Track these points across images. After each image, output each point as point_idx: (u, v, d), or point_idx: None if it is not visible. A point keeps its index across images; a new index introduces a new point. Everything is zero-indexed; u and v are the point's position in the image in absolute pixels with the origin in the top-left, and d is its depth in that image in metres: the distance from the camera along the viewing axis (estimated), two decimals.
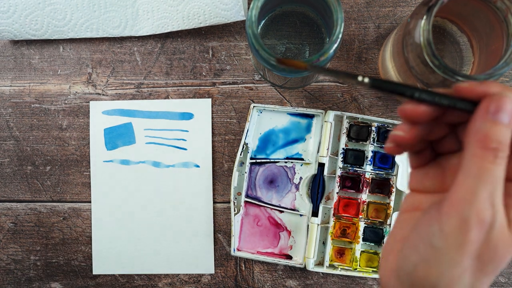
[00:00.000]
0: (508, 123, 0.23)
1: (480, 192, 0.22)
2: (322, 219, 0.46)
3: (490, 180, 0.22)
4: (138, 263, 0.49)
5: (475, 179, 0.23)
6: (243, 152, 0.47)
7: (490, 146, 0.23)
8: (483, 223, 0.22)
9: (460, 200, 0.23)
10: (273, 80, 0.46)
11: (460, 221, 0.22)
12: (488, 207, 0.22)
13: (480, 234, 0.22)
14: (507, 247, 0.23)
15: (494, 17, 0.36)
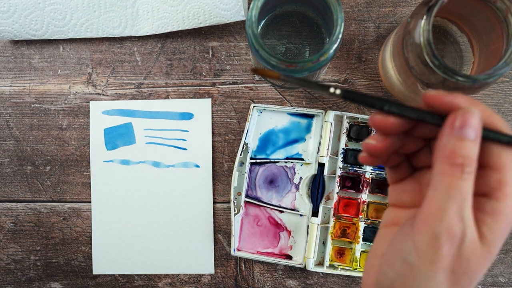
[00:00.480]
0: (474, 138, 0.23)
1: (449, 208, 0.23)
2: (322, 219, 0.46)
3: (458, 196, 0.23)
4: (138, 263, 0.49)
5: (444, 195, 0.23)
6: (243, 152, 0.47)
7: (456, 162, 0.23)
8: (453, 238, 0.23)
9: (430, 216, 0.23)
10: (273, 80, 0.46)
11: (432, 237, 0.23)
12: (458, 222, 0.23)
13: (451, 249, 0.23)
14: (479, 260, 0.23)
15: (494, 17, 0.36)
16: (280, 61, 0.36)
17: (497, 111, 0.47)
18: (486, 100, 0.47)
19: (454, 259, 0.23)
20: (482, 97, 0.47)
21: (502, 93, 0.47)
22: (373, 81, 0.48)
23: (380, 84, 0.48)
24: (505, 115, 0.47)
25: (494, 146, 0.24)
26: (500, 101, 0.47)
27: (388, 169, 0.28)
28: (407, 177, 0.28)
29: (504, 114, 0.47)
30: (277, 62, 0.36)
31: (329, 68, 0.48)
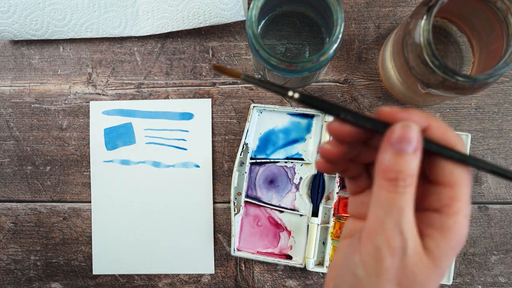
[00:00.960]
0: (411, 153, 0.23)
1: (387, 222, 0.23)
2: (322, 219, 0.46)
3: (395, 210, 0.23)
4: (138, 263, 0.49)
5: (382, 209, 0.23)
6: (243, 152, 0.47)
7: (390, 176, 0.23)
8: (394, 250, 0.23)
9: (372, 230, 0.24)
10: (273, 80, 0.46)
11: (374, 250, 0.23)
12: (397, 235, 0.23)
13: (394, 261, 0.23)
14: (425, 273, 0.23)
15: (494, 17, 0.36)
16: (280, 61, 0.36)
17: (497, 111, 0.47)
18: (486, 100, 0.47)
19: (399, 272, 0.23)
20: (482, 97, 0.47)
21: (502, 93, 0.47)
22: (373, 81, 0.48)
23: (380, 84, 0.48)
24: (505, 115, 0.47)
25: (447, 163, 0.24)
26: (500, 101, 0.47)
27: (347, 180, 0.28)
28: (366, 189, 0.28)
29: (504, 114, 0.47)
30: (277, 62, 0.36)
31: (329, 68, 0.48)
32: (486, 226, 0.47)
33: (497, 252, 0.47)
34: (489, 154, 0.47)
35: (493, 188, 0.47)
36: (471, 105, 0.47)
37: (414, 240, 0.23)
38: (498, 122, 0.47)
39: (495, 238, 0.47)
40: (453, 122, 0.47)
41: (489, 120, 0.47)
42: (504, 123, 0.47)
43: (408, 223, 0.23)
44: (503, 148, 0.47)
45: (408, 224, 0.23)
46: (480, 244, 0.47)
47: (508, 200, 0.47)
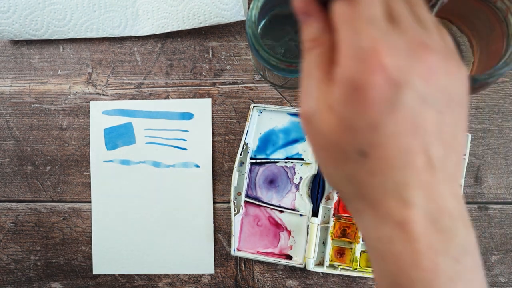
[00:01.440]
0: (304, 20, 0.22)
1: (301, 90, 0.22)
2: (322, 219, 0.46)
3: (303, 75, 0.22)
4: (138, 263, 0.49)
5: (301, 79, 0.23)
6: (243, 152, 0.47)
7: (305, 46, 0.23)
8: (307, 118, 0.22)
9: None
10: (273, 80, 0.46)
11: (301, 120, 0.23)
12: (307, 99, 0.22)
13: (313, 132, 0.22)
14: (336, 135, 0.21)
15: (494, 17, 0.36)
16: (280, 61, 0.36)
17: (497, 111, 0.47)
18: (486, 100, 0.47)
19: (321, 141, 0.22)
20: (482, 97, 0.47)
21: (502, 93, 0.47)
22: None
23: None
24: (505, 115, 0.47)
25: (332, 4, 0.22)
26: (500, 101, 0.47)
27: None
28: None
29: (504, 114, 0.47)
30: (277, 62, 0.36)
31: None
32: (486, 226, 0.47)
33: (497, 252, 0.47)
34: (489, 154, 0.47)
35: (493, 188, 0.47)
36: (471, 105, 0.47)
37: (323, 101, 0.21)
38: (498, 122, 0.47)
39: (495, 238, 0.47)
40: None
41: (489, 120, 0.47)
42: (504, 123, 0.47)
43: (314, 85, 0.21)
44: (503, 148, 0.47)
45: (314, 86, 0.21)
46: (480, 244, 0.47)
47: (508, 200, 0.47)
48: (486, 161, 0.47)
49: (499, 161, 0.47)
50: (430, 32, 0.22)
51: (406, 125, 0.20)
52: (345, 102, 0.20)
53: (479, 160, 0.47)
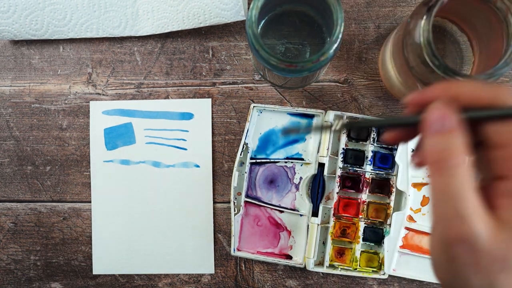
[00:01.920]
0: (449, 130, 0.22)
1: (441, 211, 0.22)
2: (322, 219, 0.46)
3: (444, 196, 0.21)
4: (138, 263, 0.49)
5: (438, 199, 0.22)
6: (243, 152, 0.47)
7: (435, 159, 0.22)
8: (460, 240, 0.21)
9: (435, 223, 0.22)
10: (273, 80, 0.46)
11: (441, 244, 0.22)
12: (457, 222, 0.21)
13: (465, 252, 0.21)
14: (505, 246, 0.21)
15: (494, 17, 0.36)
16: (280, 61, 0.36)
17: None
18: None
19: (471, 259, 0.21)
20: None
21: None
22: (373, 81, 0.48)
23: (380, 84, 0.48)
24: None
25: (491, 125, 0.22)
26: None
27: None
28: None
29: None
30: (277, 62, 0.36)
31: (329, 68, 0.48)
32: None
33: None
34: None
35: None
36: None
37: (481, 220, 0.21)
38: None
39: None
40: None
41: None
42: None
43: (467, 208, 0.21)
44: None
45: (468, 209, 0.21)
46: None
47: None
48: None
49: None
50: None
51: None
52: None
53: None
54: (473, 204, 0.21)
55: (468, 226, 0.21)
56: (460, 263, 0.22)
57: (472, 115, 0.22)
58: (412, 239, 0.46)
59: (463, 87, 0.22)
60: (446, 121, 0.22)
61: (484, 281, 0.22)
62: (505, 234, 0.21)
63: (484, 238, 0.21)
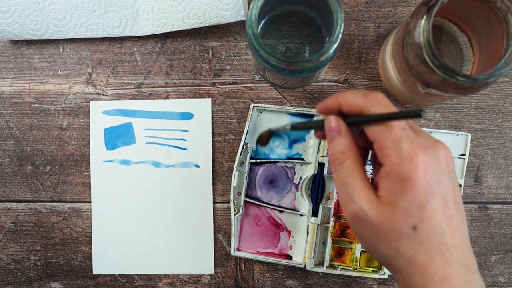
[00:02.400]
0: (335, 136, 0.30)
1: (340, 198, 0.29)
2: (322, 219, 0.46)
3: (339, 185, 0.29)
4: (138, 263, 0.49)
5: (336, 187, 0.30)
6: (243, 152, 0.47)
7: (331, 160, 0.30)
8: (356, 217, 0.28)
9: (342, 207, 0.30)
10: (273, 80, 0.46)
11: (349, 223, 0.29)
12: (350, 203, 0.28)
13: (362, 225, 0.28)
14: (390, 218, 0.27)
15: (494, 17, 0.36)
16: (280, 61, 0.36)
17: (497, 111, 0.47)
18: (486, 100, 0.47)
19: (371, 231, 0.28)
20: (482, 97, 0.47)
21: (502, 93, 0.47)
22: (373, 81, 0.48)
23: (380, 84, 0.48)
24: (505, 115, 0.47)
25: (368, 126, 0.29)
26: (500, 101, 0.47)
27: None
28: None
29: (504, 114, 0.47)
30: (277, 62, 0.36)
31: (329, 68, 0.48)
32: (486, 226, 0.47)
33: (497, 252, 0.47)
34: (489, 154, 0.47)
35: (493, 188, 0.47)
36: (471, 105, 0.47)
37: (365, 200, 0.28)
38: (498, 122, 0.47)
39: (495, 238, 0.47)
40: (453, 122, 0.47)
41: (489, 120, 0.47)
42: (504, 123, 0.47)
43: (354, 190, 0.28)
44: (503, 148, 0.47)
45: (354, 191, 0.28)
46: (480, 244, 0.47)
47: (508, 200, 0.47)
48: (486, 161, 0.47)
49: (499, 161, 0.47)
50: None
51: (440, 201, 0.27)
52: (396, 192, 0.27)
53: (479, 160, 0.47)
54: (359, 188, 0.28)
55: (357, 205, 0.28)
56: (364, 236, 0.28)
57: (350, 121, 0.30)
58: None
59: (344, 97, 0.29)
60: (334, 130, 0.30)
61: (390, 250, 0.27)
62: (385, 208, 0.27)
63: (371, 214, 0.27)
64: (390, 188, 0.27)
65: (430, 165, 0.27)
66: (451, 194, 0.27)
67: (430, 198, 0.26)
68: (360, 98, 0.29)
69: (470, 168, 0.47)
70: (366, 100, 0.29)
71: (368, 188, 0.28)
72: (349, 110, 0.29)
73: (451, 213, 0.27)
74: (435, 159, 0.27)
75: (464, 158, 0.46)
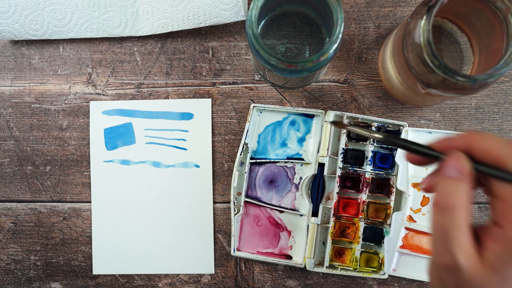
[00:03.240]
0: (456, 178, 0.27)
1: (435, 243, 0.27)
2: (322, 219, 0.46)
3: (441, 232, 0.27)
4: (138, 263, 0.49)
5: (434, 233, 0.27)
6: (243, 152, 0.47)
7: (437, 201, 0.27)
8: (446, 268, 0.26)
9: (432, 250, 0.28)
10: (273, 80, 0.46)
11: (435, 271, 0.28)
12: (446, 254, 0.26)
13: (450, 277, 0.26)
14: (483, 281, 0.25)
15: (494, 17, 0.36)
16: (280, 61, 0.36)
17: (497, 111, 0.47)
18: (486, 100, 0.47)
19: (455, 284, 0.26)
20: (482, 97, 0.47)
21: (502, 93, 0.47)
22: (373, 81, 0.48)
23: (380, 84, 0.48)
24: (505, 115, 0.47)
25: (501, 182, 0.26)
26: (500, 101, 0.47)
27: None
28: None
29: (504, 114, 0.47)
30: (277, 62, 0.36)
31: (329, 68, 0.48)
32: None
33: None
34: None
35: None
36: (471, 105, 0.47)
37: (466, 255, 0.26)
38: (498, 122, 0.47)
39: None
40: (453, 122, 0.47)
41: (489, 120, 0.47)
42: (504, 123, 0.47)
43: (456, 243, 0.26)
44: None
45: (456, 245, 0.26)
46: None
47: None
48: None
49: None
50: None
51: None
52: (507, 261, 0.25)
53: None
54: (461, 242, 0.26)
55: (453, 257, 0.26)
56: (447, 285, 0.27)
57: (480, 169, 0.26)
58: (412, 239, 0.46)
59: (480, 141, 0.27)
60: (458, 170, 0.26)
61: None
62: (486, 270, 0.26)
63: (466, 269, 0.26)
64: (501, 254, 0.25)
65: None
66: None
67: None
68: (501, 146, 0.26)
69: None
70: (509, 150, 0.26)
71: (472, 245, 0.26)
72: (482, 157, 0.27)
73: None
74: None
75: None
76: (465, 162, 0.26)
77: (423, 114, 0.47)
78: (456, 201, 0.26)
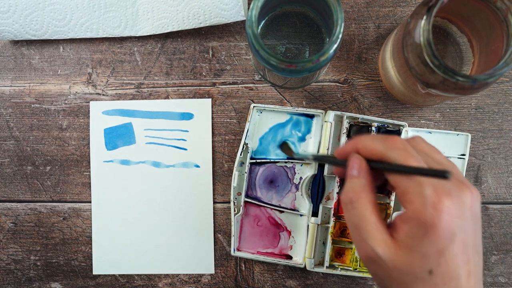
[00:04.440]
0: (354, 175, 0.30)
1: (353, 239, 0.29)
2: (322, 219, 0.46)
3: (353, 226, 0.29)
4: (138, 263, 0.49)
5: (349, 227, 0.30)
6: (243, 152, 0.47)
7: (343, 199, 0.30)
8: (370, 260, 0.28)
9: (355, 247, 0.31)
10: (273, 80, 0.46)
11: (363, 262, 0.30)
12: (364, 246, 0.28)
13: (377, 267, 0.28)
14: (405, 260, 0.27)
15: (494, 17, 0.36)
16: (280, 61, 0.36)
17: (497, 111, 0.47)
18: (486, 100, 0.47)
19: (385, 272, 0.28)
20: (482, 97, 0.47)
21: (502, 93, 0.47)
22: (373, 81, 0.48)
23: (380, 84, 0.48)
24: (505, 115, 0.47)
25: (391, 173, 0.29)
26: (500, 101, 0.47)
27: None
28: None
29: (504, 114, 0.47)
30: (277, 62, 0.36)
31: (329, 68, 0.48)
32: (486, 226, 0.47)
33: (497, 252, 0.47)
34: (489, 154, 0.47)
35: (493, 188, 0.47)
36: (471, 105, 0.47)
37: (380, 244, 0.28)
38: (498, 122, 0.47)
39: (495, 238, 0.47)
40: (453, 122, 0.47)
41: (489, 120, 0.47)
42: (504, 123, 0.47)
43: (367, 233, 0.28)
44: (503, 148, 0.47)
45: (368, 234, 0.28)
46: None
47: (508, 200, 0.47)
48: (486, 161, 0.47)
49: (499, 161, 0.47)
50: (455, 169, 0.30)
51: (460, 246, 0.27)
52: (417, 237, 0.27)
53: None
54: (373, 231, 0.28)
55: (371, 248, 0.28)
56: (379, 277, 0.28)
57: (373, 166, 0.30)
58: None
59: (363, 142, 0.30)
60: (357, 169, 0.30)
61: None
62: (402, 252, 0.27)
63: (386, 257, 0.27)
64: (410, 233, 0.27)
65: (454, 211, 0.26)
66: (472, 237, 0.27)
67: (450, 244, 0.27)
68: (378, 143, 0.29)
69: (470, 168, 0.47)
70: (384, 145, 0.29)
71: (383, 231, 0.28)
72: (368, 156, 0.30)
73: (469, 256, 0.27)
74: (459, 204, 0.27)
75: (464, 158, 0.46)
76: (362, 161, 0.30)
77: (423, 114, 0.47)
78: (356, 195, 0.29)
